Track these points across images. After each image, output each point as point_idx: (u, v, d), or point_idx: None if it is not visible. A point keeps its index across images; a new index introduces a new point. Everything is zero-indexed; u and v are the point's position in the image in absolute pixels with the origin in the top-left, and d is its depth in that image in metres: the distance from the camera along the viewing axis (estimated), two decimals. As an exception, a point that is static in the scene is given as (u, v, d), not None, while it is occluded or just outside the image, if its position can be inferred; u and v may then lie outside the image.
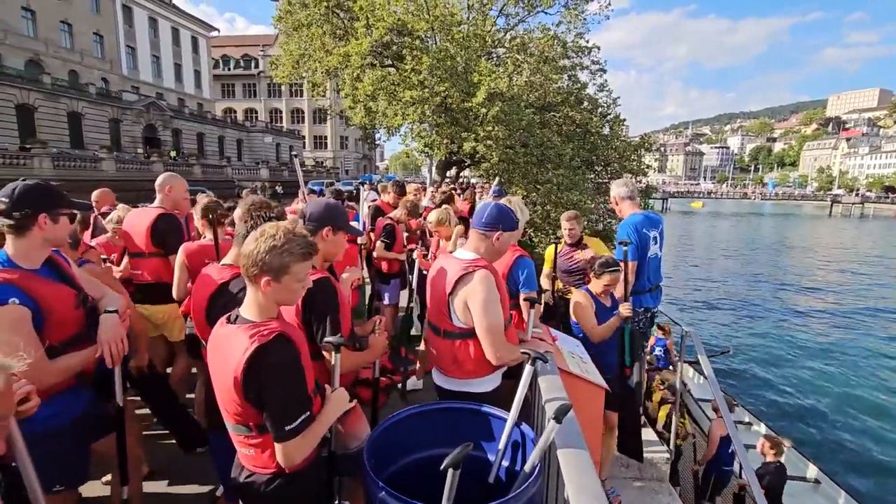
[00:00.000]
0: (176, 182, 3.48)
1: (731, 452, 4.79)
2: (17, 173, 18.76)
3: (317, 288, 1.78)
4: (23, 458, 1.17)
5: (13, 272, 1.67)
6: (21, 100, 27.04)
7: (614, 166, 17.67)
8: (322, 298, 1.84)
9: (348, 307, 2.05)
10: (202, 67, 49.84)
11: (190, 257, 2.85)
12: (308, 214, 2.03)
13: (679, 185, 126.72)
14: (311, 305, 1.83)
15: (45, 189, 1.77)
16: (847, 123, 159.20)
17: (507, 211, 2.19)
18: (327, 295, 1.86)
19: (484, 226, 2.13)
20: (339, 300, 1.93)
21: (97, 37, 36.65)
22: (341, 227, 2.06)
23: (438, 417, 1.89)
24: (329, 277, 1.94)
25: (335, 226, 2.02)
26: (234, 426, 1.46)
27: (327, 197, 5.52)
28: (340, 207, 2.15)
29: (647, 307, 3.55)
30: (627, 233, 3.36)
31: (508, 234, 2.15)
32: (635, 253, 3.32)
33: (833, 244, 39.83)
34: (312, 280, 1.81)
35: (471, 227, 2.22)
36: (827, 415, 10.15)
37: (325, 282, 1.88)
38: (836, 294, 21.43)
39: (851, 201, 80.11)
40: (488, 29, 17.60)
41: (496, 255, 2.20)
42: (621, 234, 3.43)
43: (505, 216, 2.15)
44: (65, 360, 1.73)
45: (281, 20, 17.51)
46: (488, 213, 2.15)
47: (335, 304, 1.88)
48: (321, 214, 2.01)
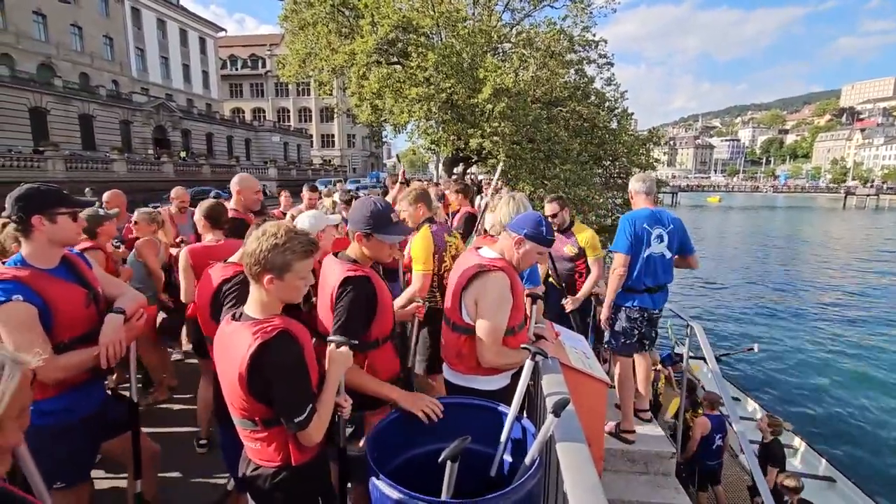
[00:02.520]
0: (247, 183, 3.57)
1: (714, 448, 4.90)
2: (31, 175, 19.10)
3: (354, 283, 1.84)
4: (24, 453, 1.22)
5: (23, 270, 1.73)
6: (34, 103, 27.46)
7: (622, 161, 17.53)
8: (351, 295, 1.84)
9: (389, 306, 2.04)
10: (210, 68, 50.21)
11: (195, 259, 2.86)
12: (350, 217, 2.03)
13: (689, 179, 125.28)
14: (339, 298, 1.85)
15: (39, 191, 1.80)
16: (861, 114, 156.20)
17: (537, 220, 2.10)
18: (357, 292, 1.86)
19: (510, 226, 2.14)
20: (378, 299, 1.93)
21: (107, 39, 37.10)
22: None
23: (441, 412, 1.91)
24: (368, 276, 1.92)
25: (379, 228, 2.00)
26: (241, 420, 1.50)
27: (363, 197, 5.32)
28: (380, 206, 2.06)
29: (645, 307, 3.38)
30: (624, 226, 3.32)
31: (532, 246, 2.07)
32: (629, 247, 3.25)
33: (848, 237, 39.17)
34: (353, 277, 1.86)
35: (506, 228, 2.20)
36: (842, 411, 10.03)
37: (363, 281, 1.89)
38: (854, 288, 21.08)
39: (866, 193, 78.60)
40: (494, 24, 17.52)
41: (519, 261, 2.12)
42: (619, 228, 3.38)
43: (531, 223, 2.08)
44: (69, 356, 1.77)
45: (287, 19, 17.60)
46: (518, 217, 2.17)
47: (360, 303, 1.86)
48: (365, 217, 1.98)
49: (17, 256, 1.79)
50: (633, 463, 3.63)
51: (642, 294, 3.37)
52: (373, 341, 1.96)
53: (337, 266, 1.95)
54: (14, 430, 0.89)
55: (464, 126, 14.69)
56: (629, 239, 3.26)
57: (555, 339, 2.58)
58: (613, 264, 3.36)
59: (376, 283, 1.94)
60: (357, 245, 2.00)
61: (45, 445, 1.77)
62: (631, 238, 3.26)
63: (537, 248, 2.09)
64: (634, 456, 3.54)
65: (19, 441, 0.92)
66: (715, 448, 4.89)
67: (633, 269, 3.31)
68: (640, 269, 3.30)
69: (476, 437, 1.68)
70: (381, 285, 1.98)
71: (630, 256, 3.27)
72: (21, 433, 0.92)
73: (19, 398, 0.88)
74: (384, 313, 1.97)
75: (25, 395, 0.91)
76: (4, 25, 29.49)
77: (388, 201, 2.08)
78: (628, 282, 3.34)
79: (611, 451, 3.45)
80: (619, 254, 3.31)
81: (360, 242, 1.98)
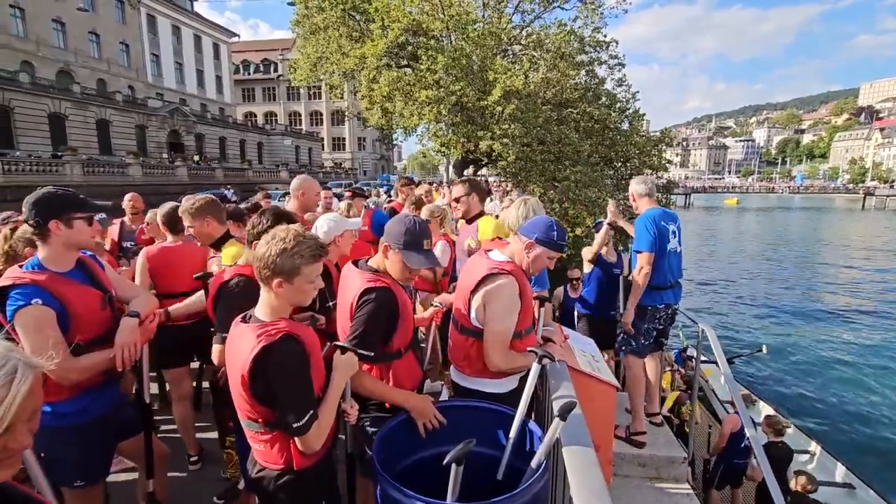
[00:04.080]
0: (309, 185, 3.64)
1: (742, 448, 4.75)
2: (50, 180, 19.52)
3: (376, 294, 1.83)
4: (29, 455, 1.23)
5: (41, 274, 1.77)
6: (53, 109, 28.10)
7: (634, 162, 17.37)
8: (371, 307, 1.83)
9: (410, 316, 2.03)
10: (223, 73, 50.95)
11: (151, 261, 2.99)
12: (386, 227, 2.01)
13: (703, 180, 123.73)
14: (359, 308, 1.84)
15: (56, 196, 1.83)
16: (881, 113, 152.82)
17: (549, 224, 2.09)
18: (377, 304, 1.84)
19: (521, 230, 2.14)
20: (399, 309, 1.90)
21: (123, 46, 37.86)
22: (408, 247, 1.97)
23: (448, 415, 1.91)
24: (389, 287, 1.89)
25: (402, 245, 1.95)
26: (246, 422, 1.52)
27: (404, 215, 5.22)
28: (418, 228, 1.98)
29: (669, 303, 3.45)
30: (645, 225, 3.31)
31: (542, 251, 2.06)
32: (653, 245, 3.26)
33: (867, 238, 38.31)
34: (373, 288, 1.84)
35: (517, 233, 2.20)
36: (861, 417, 9.78)
37: (385, 293, 1.86)
38: (874, 291, 20.62)
39: (886, 193, 76.88)
40: (504, 26, 17.51)
41: (529, 265, 2.10)
42: (639, 228, 3.36)
43: (542, 227, 2.07)
44: (87, 358, 1.80)
45: (298, 24, 17.77)
46: (530, 220, 2.16)
47: (379, 314, 1.84)
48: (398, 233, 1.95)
49: (34, 260, 1.83)
50: (643, 468, 3.59)
51: (667, 290, 3.40)
52: (395, 351, 1.95)
53: (357, 276, 1.93)
54: (24, 433, 0.90)
55: (474, 128, 14.68)
56: (653, 236, 3.26)
57: (563, 343, 2.56)
58: (639, 263, 3.31)
59: (398, 293, 1.93)
60: (381, 256, 1.99)
61: (62, 446, 1.81)
62: (655, 235, 3.26)
63: (548, 253, 2.08)
64: (645, 461, 3.50)
65: (29, 444, 0.93)
66: (743, 447, 4.73)
67: (659, 266, 3.31)
68: (665, 265, 3.33)
69: (482, 440, 1.68)
70: (402, 296, 1.96)
71: (654, 254, 3.27)
72: (31, 436, 0.92)
73: (31, 401, 0.89)
74: (405, 323, 1.96)
75: (37, 398, 0.92)
76: (25, 33, 30.28)
77: (426, 225, 2.04)
78: (655, 280, 3.32)
79: (620, 456, 3.41)
80: (644, 253, 3.28)
81: (385, 254, 1.97)
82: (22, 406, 0.87)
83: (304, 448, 1.47)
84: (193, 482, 3.01)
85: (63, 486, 1.87)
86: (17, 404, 0.86)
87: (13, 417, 0.86)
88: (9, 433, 0.86)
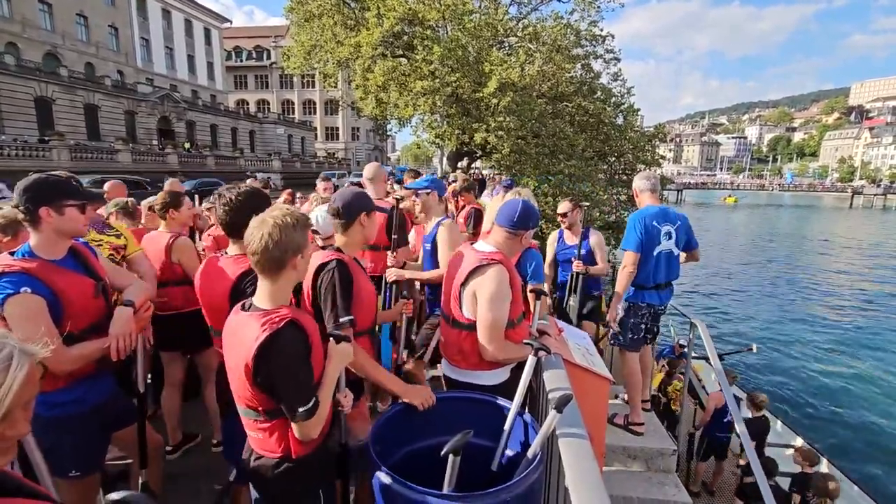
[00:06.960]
0: (379, 172, 3.76)
1: (725, 422, 5.09)
2: (37, 165, 19.17)
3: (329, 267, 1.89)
4: (30, 442, 1.22)
5: (32, 262, 1.74)
6: (39, 92, 27.51)
7: (628, 157, 17.44)
8: (330, 276, 1.88)
9: (368, 299, 2.04)
10: (215, 59, 50.12)
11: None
12: (343, 205, 2.05)
13: (695, 176, 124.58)
14: (319, 285, 1.88)
15: (47, 182, 1.79)
16: (870, 112, 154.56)
17: (535, 212, 2.20)
18: (333, 274, 1.88)
19: (513, 226, 2.11)
20: (354, 286, 1.92)
21: (112, 29, 37.06)
22: (373, 208, 2.14)
23: (443, 407, 1.92)
24: (343, 260, 1.94)
25: (368, 209, 2.09)
26: (245, 410, 1.51)
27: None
28: (363, 191, 2.23)
29: (650, 303, 3.45)
30: (633, 224, 3.33)
31: (530, 233, 2.17)
32: (639, 245, 3.27)
33: (854, 237, 38.88)
34: (327, 262, 1.90)
35: (495, 224, 2.17)
36: (846, 414, 10.00)
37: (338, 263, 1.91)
38: (859, 289, 20.98)
39: (873, 193, 78.00)
40: (500, 18, 17.37)
41: (514, 252, 2.21)
42: (627, 226, 3.40)
43: (534, 217, 2.17)
44: (80, 347, 1.78)
45: (293, 10, 17.48)
46: (520, 214, 2.11)
47: (342, 283, 1.88)
48: (355, 202, 2.07)
49: (25, 247, 1.79)
50: (633, 459, 3.65)
51: (651, 291, 3.40)
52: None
53: (318, 256, 1.98)
54: (22, 421, 0.90)
55: (469, 120, 14.62)
56: (640, 237, 3.27)
57: (558, 335, 2.58)
58: (623, 262, 3.36)
59: (353, 269, 1.95)
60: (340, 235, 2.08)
61: (57, 436, 1.79)
62: (642, 236, 3.27)
63: (519, 235, 2.14)
64: (636, 452, 3.56)
65: (27, 431, 0.92)
66: (726, 422, 5.07)
67: (644, 266, 3.33)
68: (650, 266, 3.34)
69: (478, 432, 1.69)
70: (359, 273, 1.99)
71: (640, 254, 3.29)
72: (28, 423, 0.92)
73: (28, 388, 0.89)
74: (361, 305, 1.95)
75: (33, 386, 0.91)
76: (10, 14, 29.50)
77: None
78: (638, 279, 3.35)
79: (611, 447, 3.46)
80: (629, 252, 3.31)
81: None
82: (19, 393, 0.86)
83: (301, 436, 1.48)
84: (186, 476, 3.00)
85: (57, 476, 1.85)
86: (14, 391, 0.86)
87: (10, 404, 0.85)
88: (7, 420, 0.86)
